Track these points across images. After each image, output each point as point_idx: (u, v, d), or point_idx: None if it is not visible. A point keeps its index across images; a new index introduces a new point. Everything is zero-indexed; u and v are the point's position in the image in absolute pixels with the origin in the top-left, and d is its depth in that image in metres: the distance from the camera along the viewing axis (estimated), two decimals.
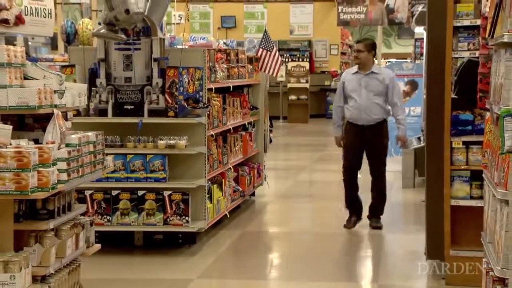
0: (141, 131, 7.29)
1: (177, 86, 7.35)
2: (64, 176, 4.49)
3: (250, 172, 9.42)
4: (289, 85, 23.88)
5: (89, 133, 4.95)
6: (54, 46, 13.84)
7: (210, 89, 7.79)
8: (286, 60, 23.51)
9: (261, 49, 10.99)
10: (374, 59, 8.69)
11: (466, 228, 6.03)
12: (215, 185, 8.01)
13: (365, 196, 8.42)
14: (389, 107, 8.29)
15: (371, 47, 8.49)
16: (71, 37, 10.03)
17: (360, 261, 7.36)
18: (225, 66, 8.68)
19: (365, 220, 8.26)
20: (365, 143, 8.22)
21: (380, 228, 8.22)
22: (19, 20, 4.79)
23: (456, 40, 6.26)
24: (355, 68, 8.52)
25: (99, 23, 7.50)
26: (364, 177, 8.79)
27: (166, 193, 7.21)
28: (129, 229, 7.35)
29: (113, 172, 6.99)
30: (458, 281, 6.08)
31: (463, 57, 6.26)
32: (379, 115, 8.19)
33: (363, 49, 8.31)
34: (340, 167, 8.62)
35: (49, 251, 4.55)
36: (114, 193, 7.24)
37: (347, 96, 8.26)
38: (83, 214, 5.28)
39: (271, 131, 11.91)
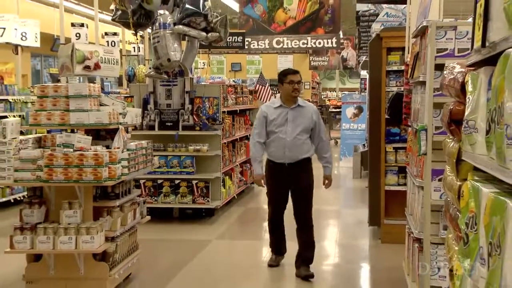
0: (177, 140, 7.33)
1: (202, 109, 7.38)
2: (126, 170, 4.52)
3: (251, 167, 9.44)
4: None
5: (143, 142, 4.98)
6: (120, 83, 13.88)
7: (223, 112, 7.83)
8: (275, 92, 23.43)
9: (258, 85, 11.04)
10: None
11: (395, 205, 6.04)
12: (227, 176, 8.03)
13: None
14: (313, 145, 5.17)
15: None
16: (131, 78, 10.07)
17: (324, 228, 7.37)
18: (234, 96, 8.71)
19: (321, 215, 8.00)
20: (289, 183, 5.14)
21: (312, 276, 5.05)
22: (97, 66, 4.83)
23: (388, 79, 6.31)
24: (276, 101, 5.22)
25: (150, 68, 7.54)
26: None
27: (194, 182, 7.23)
28: (169, 206, 7.35)
29: (158, 167, 7.03)
30: (389, 240, 6.11)
31: (393, 91, 6.29)
32: (304, 154, 5.09)
33: (301, 80, 5.23)
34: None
35: (116, 220, 4.58)
36: (159, 181, 7.25)
37: (270, 132, 5.12)
38: (139, 195, 5.30)
39: None
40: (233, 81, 12.47)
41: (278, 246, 5.45)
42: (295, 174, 5.11)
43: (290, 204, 5.27)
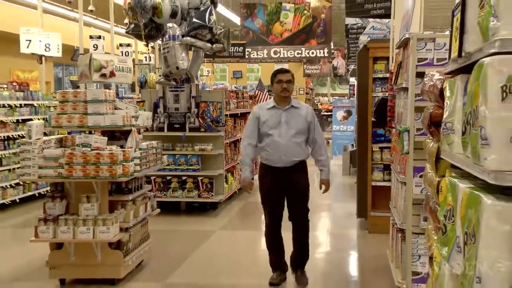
0: (184, 140, 7.32)
1: (206, 113, 7.37)
2: (138, 168, 4.53)
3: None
4: None
5: (153, 142, 4.99)
6: (133, 89, 13.87)
7: (226, 115, 7.82)
8: (272, 97, 23.30)
9: (257, 90, 11.03)
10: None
11: (381, 199, 6.06)
12: (229, 173, 8.03)
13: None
14: (309, 148, 4.47)
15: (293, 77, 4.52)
16: (143, 84, 10.07)
17: (317, 219, 7.35)
18: (235, 100, 8.71)
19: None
20: (285, 187, 4.41)
21: (306, 283, 4.50)
22: (112, 74, 4.83)
23: (374, 85, 6.32)
24: (270, 102, 4.49)
25: (160, 75, 7.54)
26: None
27: (199, 178, 7.23)
28: (177, 200, 7.35)
29: (167, 165, 7.02)
30: (376, 231, 6.12)
31: (378, 96, 6.30)
32: (299, 157, 4.38)
33: (292, 80, 4.45)
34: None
35: (129, 213, 4.58)
36: (168, 178, 7.25)
37: (263, 134, 4.40)
38: (150, 190, 5.29)
39: None
40: (235, 87, 12.47)
41: (278, 264, 4.59)
42: (291, 176, 4.38)
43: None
